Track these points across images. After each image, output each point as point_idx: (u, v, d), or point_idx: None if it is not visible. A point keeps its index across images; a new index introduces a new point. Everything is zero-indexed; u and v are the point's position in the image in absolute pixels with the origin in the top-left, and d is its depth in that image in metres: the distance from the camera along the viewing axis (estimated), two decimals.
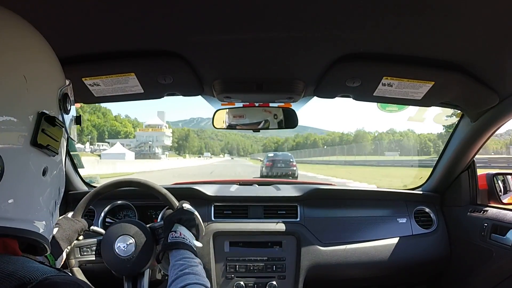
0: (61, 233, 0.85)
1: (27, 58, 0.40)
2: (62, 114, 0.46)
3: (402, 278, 1.39)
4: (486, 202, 1.28)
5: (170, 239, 0.80)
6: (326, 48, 0.77)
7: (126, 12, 0.62)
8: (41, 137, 0.40)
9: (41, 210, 0.43)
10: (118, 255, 0.88)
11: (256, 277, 1.25)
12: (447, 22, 0.64)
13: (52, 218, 0.47)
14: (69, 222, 0.90)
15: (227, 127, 1.20)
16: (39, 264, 0.38)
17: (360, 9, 0.61)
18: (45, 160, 0.42)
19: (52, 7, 0.60)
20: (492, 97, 0.95)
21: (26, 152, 0.39)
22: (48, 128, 0.41)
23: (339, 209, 1.37)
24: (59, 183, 0.48)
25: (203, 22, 0.66)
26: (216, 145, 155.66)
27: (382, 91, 0.94)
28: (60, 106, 0.46)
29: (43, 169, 0.42)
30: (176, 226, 0.83)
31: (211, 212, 1.32)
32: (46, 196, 0.44)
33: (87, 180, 1.46)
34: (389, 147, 39.25)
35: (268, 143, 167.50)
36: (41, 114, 0.40)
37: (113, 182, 1.01)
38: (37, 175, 0.41)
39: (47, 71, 0.44)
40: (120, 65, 0.85)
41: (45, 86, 0.43)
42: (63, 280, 0.35)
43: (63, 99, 0.46)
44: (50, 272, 0.35)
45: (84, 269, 0.95)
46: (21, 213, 0.39)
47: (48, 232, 0.45)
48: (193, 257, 0.76)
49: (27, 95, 0.39)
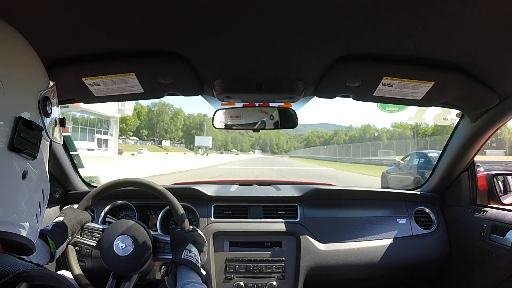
0: (66, 223, 0.85)
1: (5, 63, 0.40)
2: (42, 118, 0.47)
3: (401, 278, 1.39)
4: (486, 203, 1.28)
5: (185, 256, 0.80)
6: (326, 48, 0.77)
7: (126, 12, 0.62)
8: (17, 141, 0.40)
9: (23, 213, 0.43)
10: (115, 252, 0.88)
11: (255, 277, 1.24)
12: (447, 22, 0.64)
13: (37, 219, 0.47)
14: (74, 213, 0.90)
15: (225, 127, 1.21)
16: (18, 260, 0.38)
17: (360, 9, 0.61)
18: (24, 164, 0.43)
19: (52, 7, 0.60)
20: (492, 98, 0.95)
21: (3, 157, 0.39)
22: (25, 132, 0.41)
23: (339, 209, 1.37)
24: (42, 185, 0.49)
25: (203, 22, 0.66)
26: (246, 140, 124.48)
27: (382, 91, 0.94)
28: (40, 109, 0.46)
29: (23, 172, 0.43)
30: (190, 246, 0.84)
31: (211, 212, 1.32)
32: (28, 198, 0.44)
33: (87, 180, 1.46)
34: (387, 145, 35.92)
35: (311, 137, 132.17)
36: (18, 119, 0.41)
37: (129, 181, 1.00)
38: (16, 178, 0.42)
39: (26, 74, 0.45)
40: (120, 65, 0.85)
41: (23, 90, 0.43)
42: (40, 273, 0.36)
43: (43, 102, 0.46)
44: (28, 267, 0.36)
45: (83, 269, 0.95)
46: (1, 216, 0.40)
47: (33, 234, 0.46)
48: (200, 283, 0.76)
49: (3, 99, 0.39)
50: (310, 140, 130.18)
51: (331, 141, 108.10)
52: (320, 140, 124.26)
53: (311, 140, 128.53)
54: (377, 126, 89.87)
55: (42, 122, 0.47)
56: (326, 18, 0.64)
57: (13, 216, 0.41)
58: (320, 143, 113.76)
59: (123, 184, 1.00)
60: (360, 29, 0.68)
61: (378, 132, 55.75)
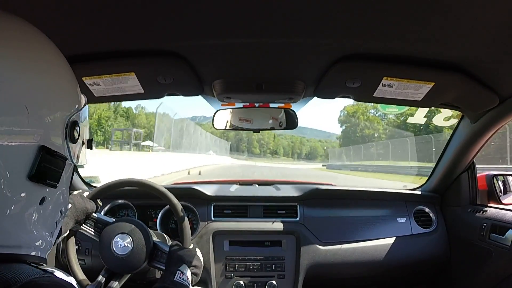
0: (72, 211, 0.84)
1: (33, 86, 0.37)
2: (67, 144, 0.43)
3: (401, 277, 1.39)
4: (486, 203, 1.28)
5: (177, 278, 0.79)
6: (326, 48, 0.77)
7: (126, 11, 0.62)
8: (38, 171, 0.37)
9: (39, 233, 0.42)
10: (113, 249, 0.88)
11: (255, 277, 1.25)
12: (447, 23, 0.64)
13: (52, 235, 0.46)
14: (83, 201, 0.88)
15: (229, 128, 1.18)
16: (27, 266, 0.38)
17: (360, 10, 0.61)
18: (43, 192, 0.40)
19: (52, 6, 0.60)
20: (492, 98, 0.95)
21: (21, 185, 0.37)
22: (47, 162, 0.38)
23: (339, 209, 1.37)
24: (61, 206, 0.46)
25: (203, 22, 0.66)
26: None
27: (382, 92, 0.94)
28: (66, 135, 0.42)
29: (41, 199, 0.40)
30: (185, 267, 0.83)
31: (211, 211, 1.32)
32: (43, 221, 0.42)
33: (87, 180, 1.46)
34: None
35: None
36: (41, 148, 0.38)
37: (139, 182, 1.00)
38: (33, 205, 0.40)
39: (56, 98, 0.41)
40: (120, 64, 0.85)
41: (50, 117, 0.39)
42: (47, 281, 0.36)
43: (70, 128, 0.42)
44: (36, 274, 0.36)
45: (83, 268, 0.95)
46: (14, 240, 0.38)
47: (45, 250, 0.44)
48: None
49: (27, 126, 0.36)
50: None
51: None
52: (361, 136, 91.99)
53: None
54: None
55: (67, 149, 0.43)
56: (326, 18, 0.64)
57: (27, 239, 0.40)
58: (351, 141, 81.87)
59: (140, 186, 0.99)
60: (360, 29, 0.68)
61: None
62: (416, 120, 1.31)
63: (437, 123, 1.24)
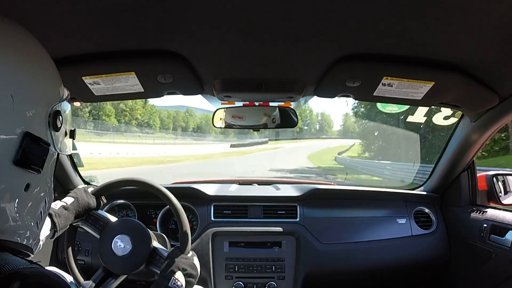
0: (74, 205, 0.84)
1: (17, 77, 0.39)
2: (51, 132, 0.45)
3: (401, 278, 1.39)
4: (486, 203, 1.28)
5: (171, 284, 0.80)
6: (326, 48, 0.78)
7: (126, 11, 0.62)
8: (23, 156, 0.39)
9: (23, 222, 0.43)
10: (112, 248, 0.87)
11: (255, 278, 1.24)
12: (447, 23, 0.64)
13: (38, 226, 0.47)
14: (87, 196, 0.88)
15: (225, 126, 1.18)
16: (13, 258, 0.39)
17: (360, 10, 0.61)
18: (28, 177, 0.42)
19: (52, 6, 0.60)
20: (492, 98, 0.96)
21: (7, 170, 0.39)
22: (31, 148, 0.40)
23: (339, 209, 1.37)
24: (45, 195, 0.48)
25: (203, 22, 0.66)
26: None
27: (382, 91, 0.95)
28: (50, 123, 0.45)
29: (26, 185, 0.42)
30: (180, 274, 0.83)
31: (211, 212, 1.32)
32: (28, 209, 0.44)
33: (87, 179, 1.46)
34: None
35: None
36: (25, 134, 0.40)
37: (142, 181, 0.96)
38: (18, 190, 0.41)
39: (39, 88, 0.43)
40: (121, 64, 0.85)
41: (34, 105, 0.42)
42: (32, 272, 0.37)
43: (53, 117, 0.45)
44: (22, 265, 0.37)
45: (83, 268, 0.95)
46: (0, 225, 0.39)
47: (32, 240, 0.45)
48: None
49: (12, 113, 0.38)
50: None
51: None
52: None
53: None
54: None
55: (50, 136, 0.45)
56: (326, 18, 0.64)
57: (11, 225, 0.41)
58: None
59: (145, 186, 0.94)
60: (360, 29, 0.68)
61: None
62: (416, 119, 1.31)
63: (437, 122, 1.24)
